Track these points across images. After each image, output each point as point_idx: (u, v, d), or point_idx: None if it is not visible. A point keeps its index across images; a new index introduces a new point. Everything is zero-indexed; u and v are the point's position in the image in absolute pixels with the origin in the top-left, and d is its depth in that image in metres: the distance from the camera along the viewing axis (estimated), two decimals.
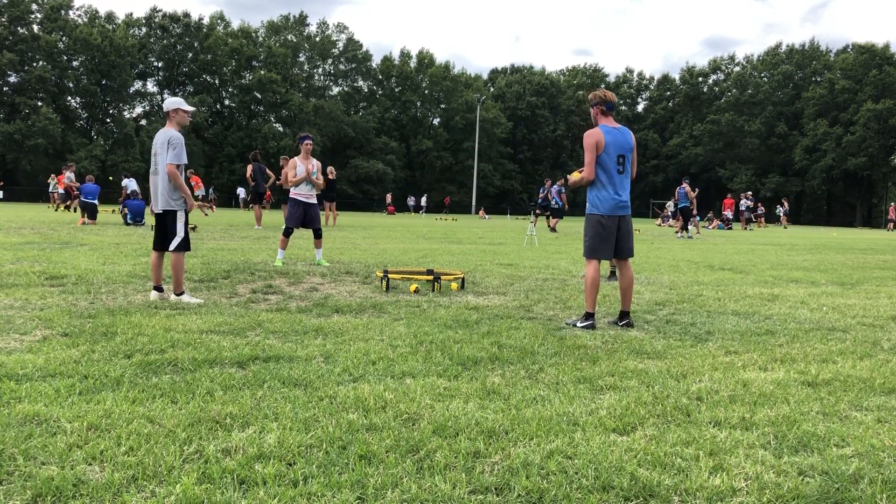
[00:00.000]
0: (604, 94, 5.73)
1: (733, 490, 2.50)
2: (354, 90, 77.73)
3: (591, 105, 5.78)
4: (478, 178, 67.39)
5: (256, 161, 19.15)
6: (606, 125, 5.68)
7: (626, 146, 5.65)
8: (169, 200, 6.26)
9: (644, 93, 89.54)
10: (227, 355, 4.18)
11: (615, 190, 5.63)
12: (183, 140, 6.29)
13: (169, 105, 6.40)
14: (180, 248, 6.31)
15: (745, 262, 12.45)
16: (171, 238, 6.30)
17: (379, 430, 2.98)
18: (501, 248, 14.45)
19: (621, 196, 5.65)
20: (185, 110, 6.41)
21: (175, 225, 6.30)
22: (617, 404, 3.44)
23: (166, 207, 6.28)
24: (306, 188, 9.60)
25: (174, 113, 6.37)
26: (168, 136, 6.22)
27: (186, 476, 2.44)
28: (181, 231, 6.31)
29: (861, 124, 66.65)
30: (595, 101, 5.73)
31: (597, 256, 5.73)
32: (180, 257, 6.29)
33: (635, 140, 5.80)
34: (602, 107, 5.70)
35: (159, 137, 6.29)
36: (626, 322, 5.65)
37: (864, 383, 4.00)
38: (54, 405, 3.15)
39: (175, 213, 6.30)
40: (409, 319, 5.64)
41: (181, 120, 6.41)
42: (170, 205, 6.27)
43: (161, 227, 6.37)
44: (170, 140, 6.20)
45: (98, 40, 58.33)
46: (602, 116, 5.71)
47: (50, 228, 15.37)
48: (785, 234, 30.69)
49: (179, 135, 6.29)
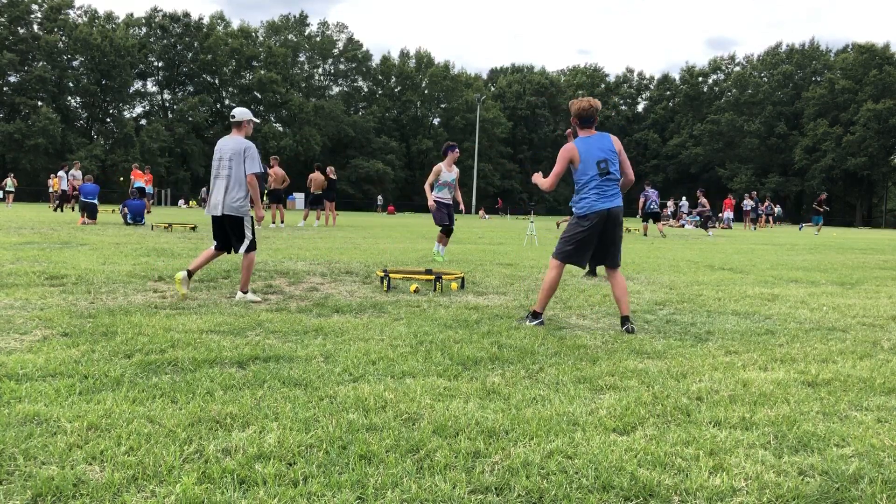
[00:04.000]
0: (578, 106, 5.58)
1: (733, 490, 2.50)
2: (354, 90, 77.74)
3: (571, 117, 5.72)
4: (478, 178, 67.38)
5: None
6: (581, 137, 5.59)
7: (604, 150, 5.51)
8: (240, 206, 6.51)
9: (644, 93, 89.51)
10: (227, 355, 4.18)
11: (599, 197, 5.47)
12: (256, 150, 6.66)
13: (241, 115, 6.69)
14: (250, 248, 6.59)
15: (745, 262, 12.45)
16: (241, 241, 6.56)
17: (379, 430, 2.98)
18: (501, 248, 14.45)
19: (606, 198, 5.48)
20: (254, 121, 6.81)
21: (243, 229, 6.56)
22: (617, 404, 3.44)
23: (233, 213, 6.50)
24: (448, 193, 10.73)
25: (247, 124, 6.70)
26: (245, 146, 6.55)
27: (186, 476, 2.44)
28: (249, 234, 6.60)
29: (861, 124, 66.63)
30: (571, 112, 5.65)
31: (565, 261, 5.60)
32: (252, 258, 6.57)
33: (618, 142, 5.64)
34: (575, 119, 5.62)
35: (229, 144, 6.58)
36: (628, 326, 5.50)
37: (864, 383, 4.00)
38: (54, 405, 3.15)
39: (242, 220, 6.55)
40: (409, 319, 5.64)
41: (248, 131, 6.76)
42: (240, 211, 6.52)
43: (223, 229, 6.61)
44: (246, 149, 6.53)
45: (98, 40, 58.33)
46: (581, 129, 5.62)
47: (50, 228, 15.38)
48: (785, 234, 30.68)
49: (252, 144, 6.64)
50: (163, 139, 61.54)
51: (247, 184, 6.51)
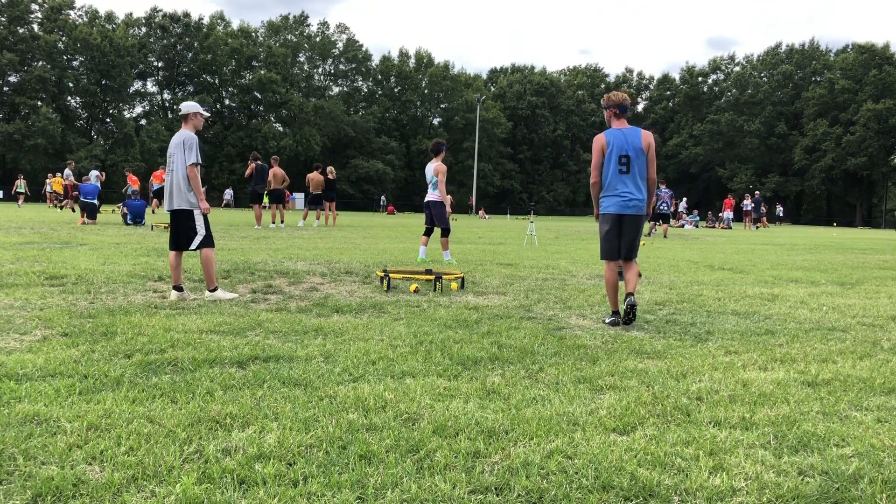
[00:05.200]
0: (617, 97, 5.84)
1: (733, 490, 2.50)
2: (354, 90, 77.69)
3: (604, 108, 5.92)
4: (478, 177, 67.36)
5: (257, 161, 19.25)
6: (614, 128, 5.81)
7: (629, 146, 5.70)
8: (185, 199, 6.41)
9: (644, 93, 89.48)
10: (227, 355, 4.18)
11: (618, 190, 5.74)
12: (197, 140, 6.51)
13: (187, 108, 6.62)
14: (204, 244, 6.46)
15: (745, 262, 12.45)
16: (193, 237, 6.44)
17: (379, 429, 2.98)
18: (501, 248, 14.45)
19: (625, 195, 5.72)
20: (201, 114, 6.67)
21: (194, 223, 6.44)
22: (617, 404, 3.44)
23: (182, 206, 6.41)
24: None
25: (193, 116, 6.61)
26: (183, 137, 6.44)
27: (186, 476, 2.44)
28: (202, 228, 6.47)
29: (861, 124, 66.62)
30: (607, 104, 5.88)
31: (608, 258, 5.88)
32: (209, 254, 6.46)
33: (650, 140, 5.78)
34: (615, 110, 5.83)
35: (175, 138, 6.52)
36: (629, 300, 5.60)
37: (864, 383, 4.00)
38: (54, 405, 3.15)
39: (192, 212, 6.43)
40: (409, 319, 5.64)
41: (197, 123, 6.66)
42: (187, 204, 6.41)
43: (175, 225, 6.48)
44: (185, 140, 6.42)
45: (98, 40, 58.31)
46: (615, 119, 5.84)
47: (50, 228, 15.37)
48: (785, 234, 30.67)
49: (194, 135, 6.51)
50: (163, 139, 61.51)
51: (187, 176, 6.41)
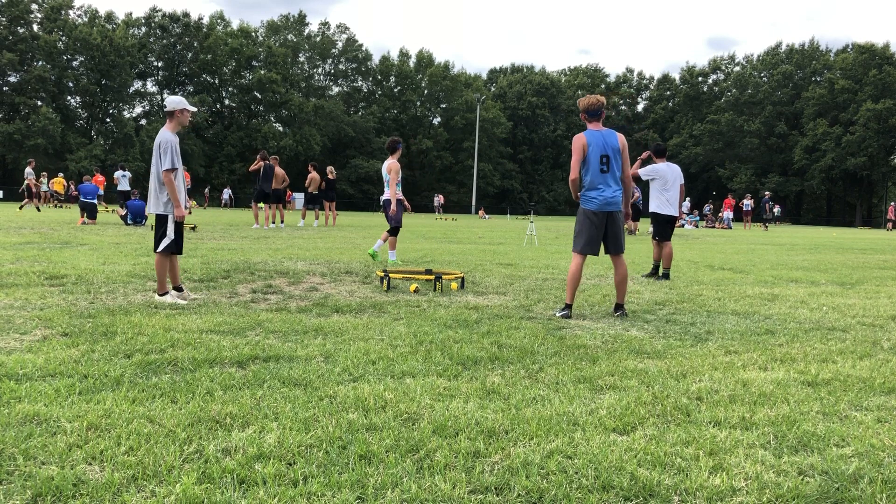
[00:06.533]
0: (587, 102, 6.19)
1: (733, 490, 2.50)
2: (354, 90, 77.66)
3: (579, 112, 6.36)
4: (478, 177, 67.33)
5: (266, 160, 19.28)
6: (591, 129, 6.15)
7: (608, 147, 6.06)
8: (160, 203, 6.23)
9: (644, 92, 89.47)
10: (227, 355, 4.18)
11: (600, 188, 6.08)
12: (173, 144, 6.18)
13: (173, 104, 6.27)
14: (167, 249, 6.23)
15: (744, 262, 12.45)
16: (161, 240, 6.23)
17: (379, 429, 2.98)
18: (501, 248, 14.45)
19: (606, 194, 6.07)
20: (188, 110, 6.31)
21: (166, 228, 6.24)
22: (617, 404, 3.44)
23: (158, 211, 6.25)
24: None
25: (179, 113, 6.27)
26: (160, 140, 6.15)
27: (186, 476, 2.44)
28: (171, 233, 6.23)
29: (861, 124, 66.60)
30: (580, 108, 6.27)
31: (583, 251, 6.14)
32: (164, 259, 6.20)
33: (624, 142, 6.18)
34: (584, 114, 6.23)
35: (156, 138, 6.23)
36: (621, 313, 6.09)
37: (864, 383, 4.00)
38: (54, 405, 3.15)
39: (165, 217, 6.25)
40: (409, 319, 5.64)
41: (183, 120, 6.31)
42: (161, 208, 6.24)
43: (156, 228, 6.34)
44: (160, 144, 6.14)
45: (98, 40, 58.27)
46: (589, 122, 6.21)
47: (50, 228, 15.37)
48: (785, 234, 30.66)
49: (172, 138, 6.18)
50: None
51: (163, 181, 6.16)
